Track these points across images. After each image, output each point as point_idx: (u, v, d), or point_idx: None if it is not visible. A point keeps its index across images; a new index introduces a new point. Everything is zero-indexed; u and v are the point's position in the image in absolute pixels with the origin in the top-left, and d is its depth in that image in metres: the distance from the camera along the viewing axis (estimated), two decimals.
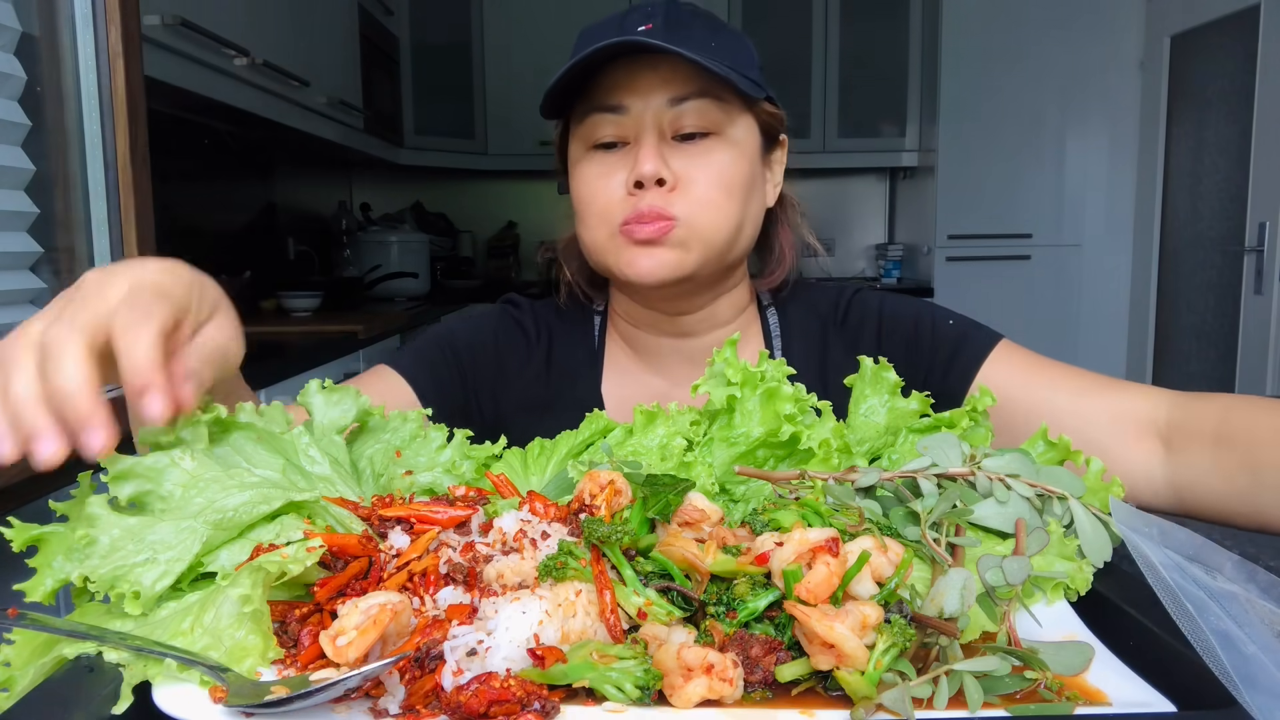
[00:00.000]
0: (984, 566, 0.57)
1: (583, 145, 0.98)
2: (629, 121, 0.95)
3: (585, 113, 0.96)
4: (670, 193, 0.94)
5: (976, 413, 0.78)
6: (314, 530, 0.62)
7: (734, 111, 0.96)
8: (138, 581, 0.55)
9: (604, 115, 0.95)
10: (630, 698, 0.49)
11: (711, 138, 0.96)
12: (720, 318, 1.06)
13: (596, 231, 0.97)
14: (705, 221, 0.95)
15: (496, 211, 4.97)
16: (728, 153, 0.96)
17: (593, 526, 0.58)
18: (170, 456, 0.61)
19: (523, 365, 1.09)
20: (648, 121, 0.94)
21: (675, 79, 0.93)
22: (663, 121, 0.94)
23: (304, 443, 0.69)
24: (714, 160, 0.95)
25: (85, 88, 1.24)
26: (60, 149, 1.23)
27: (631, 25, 0.94)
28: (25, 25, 1.16)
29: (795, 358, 1.07)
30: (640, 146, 0.94)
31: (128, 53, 1.25)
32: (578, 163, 0.99)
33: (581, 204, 0.98)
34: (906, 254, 4.83)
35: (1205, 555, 0.57)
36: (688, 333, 1.05)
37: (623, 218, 0.94)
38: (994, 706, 0.49)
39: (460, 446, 0.78)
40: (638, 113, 0.94)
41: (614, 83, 0.94)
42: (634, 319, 1.07)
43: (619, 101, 0.94)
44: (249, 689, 0.48)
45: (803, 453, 0.74)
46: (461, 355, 1.07)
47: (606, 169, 0.96)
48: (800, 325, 1.10)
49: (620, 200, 0.95)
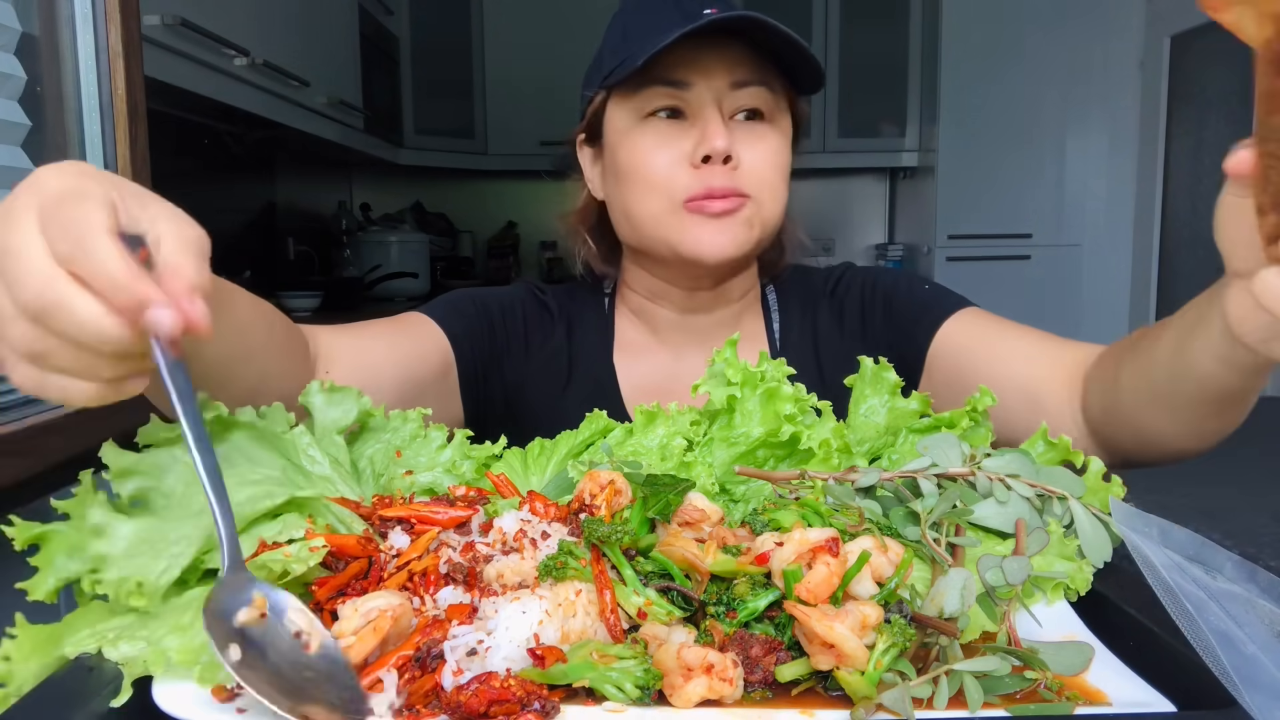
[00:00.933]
0: (984, 566, 0.57)
1: (634, 114, 0.98)
2: (691, 97, 0.96)
3: (641, 84, 0.96)
4: (734, 170, 0.95)
5: (977, 413, 0.78)
6: (315, 530, 0.62)
7: (782, 102, 1.00)
8: (143, 575, 0.55)
9: (665, 88, 0.96)
10: (630, 698, 0.49)
11: (765, 123, 0.99)
12: (731, 295, 1.09)
13: (652, 202, 0.97)
14: (767, 200, 0.98)
15: (496, 211, 4.97)
16: (780, 139, 0.99)
17: (593, 526, 0.58)
18: (171, 454, 0.61)
19: (546, 339, 1.11)
20: (709, 100, 0.96)
21: (739, 63, 0.96)
22: (722, 102, 0.96)
23: (304, 442, 0.69)
24: (771, 144, 0.98)
25: (85, 88, 1.24)
26: (60, 149, 1.23)
27: (692, 4, 0.94)
28: (25, 25, 1.16)
29: (790, 331, 1.12)
30: (707, 122, 0.95)
31: (128, 53, 1.25)
32: (629, 131, 0.98)
33: (636, 172, 0.98)
34: (906, 254, 4.82)
35: (1205, 555, 0.57)
36: (700, 309, 1.08)
37: (689, 192, 0.95)
38: (994, 706, 0.49)
39: (460, 446, 0.78)
40: (700, 90, 0.95)
41: (679, 59, 0.94)
42: (650, 293, 1.09)
43: (685, 78, 0.95)
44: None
45: (803, 453, 0.74)
46: (493, 314, 1.08)
47: (665, 139, 0.97)
48: (796, 300, 1.14)
49: (685, 173, 0.96)
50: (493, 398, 1.07)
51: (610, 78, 0.98)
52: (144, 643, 0.52)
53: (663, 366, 1.09)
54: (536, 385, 1.09)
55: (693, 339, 1.09)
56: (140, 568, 0.55)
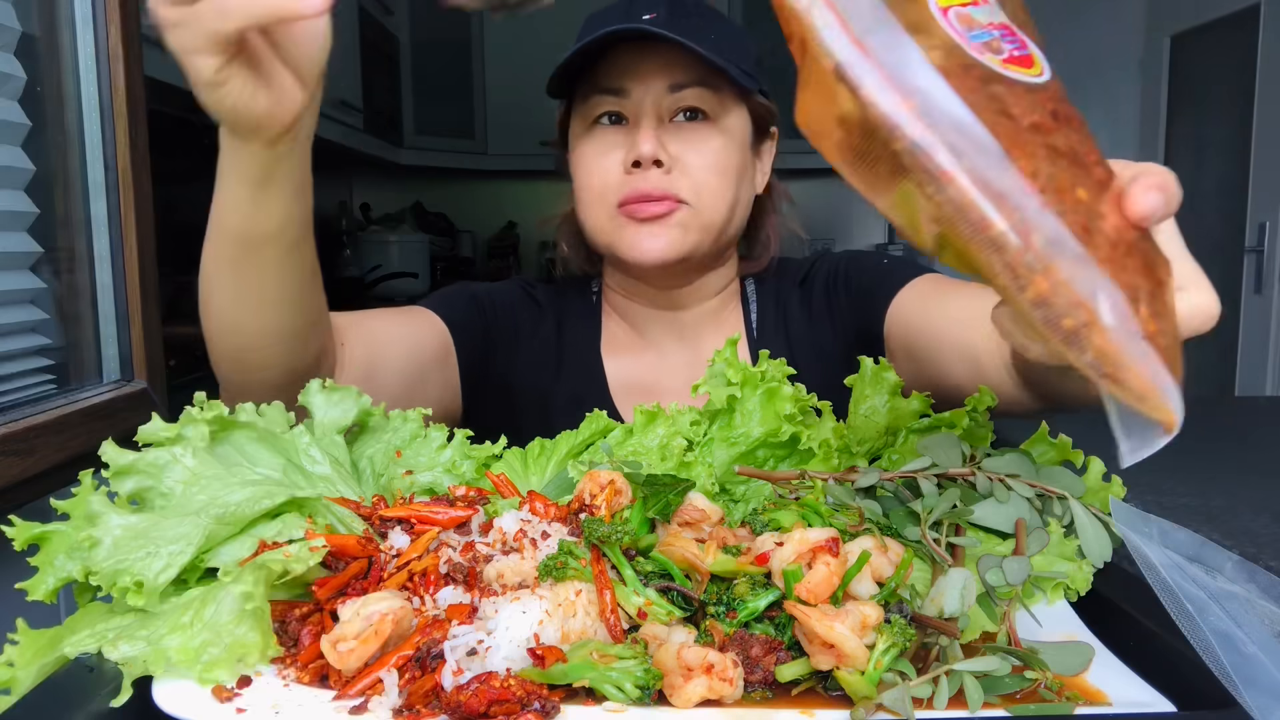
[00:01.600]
0: (984, 566, 0.57)
1: (583, 123, 1.02)
2: (629, 104, 0.99)
3: (588, 93, 1.00)
4: (666, 175, 0.97)
5: (977, 413, 0.78)
6: (315, 530, 0.62)
7: (728, 101, 1.01)
8: (141, 574, 0.55)
9: (605, 97, 0.99)
10: (630, 698, 0.49)
11: (706, 124, 1.00)
12: (708, 291, 1.10)
13: (595, 210, 1.00)
14: (704, 204, 0.98)
15: (496, 211, 4.97)
16: (720, 138, 1.00)
17: (593, 526, 0.58)
18: (171, 453, 0.61)
19: (535, 332, 1.12)
20: (647, 105, 0.98)
21: (675, 66, 0.97)
22: (661, 106, 0.98)
23: (304, 442, 0.69)
24: (709, 145, 0.99)
25: (85, 88, 1.23)
26: (60, 149, 1.23)
27: (637, 13, 0.96)
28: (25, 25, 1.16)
29: (765, 323, 1.13)
30: (639, 128, 0.97)
31: (128, 53, 1.25)
32: (578, 140, 1.02)
33: (580, 180, 1.02)
34: (907, 254, 4.82)
35: (1205, 555, 0.57)
36: (678, 305, 1.10)
37: (620, 196, 0.97)
38: (994, 706, 0.49)
39: (460, 446, 0.78)
40: (638, 96, 0.98)
41: (617, 66, 0.98)
42: (627, 291, 1.11)
43: (621, 85, 0.98)
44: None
45: (803, 453, 0.74)
46: (484, 307, 1.10)
47: (605, 147, 0.99)
48: (771, 292, 1.15)
49: (618, 179, 0.98)
50: (488, 388, 1.08)
51: (550, 83, 1.02)
52: (144, 643, 0.51)
53: (648, 362, 1.11)
54: (527, 378, 1.10)
55: (674, 334, 1.11)
56: (133, 561, 0.55)
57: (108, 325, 1.27)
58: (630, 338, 1.13)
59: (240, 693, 0.50)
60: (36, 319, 1.17)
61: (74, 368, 1.25)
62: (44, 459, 1.03)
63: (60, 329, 1.23)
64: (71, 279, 1.25)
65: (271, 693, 0.50)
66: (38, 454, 1.02)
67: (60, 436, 1.06)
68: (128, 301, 1.26)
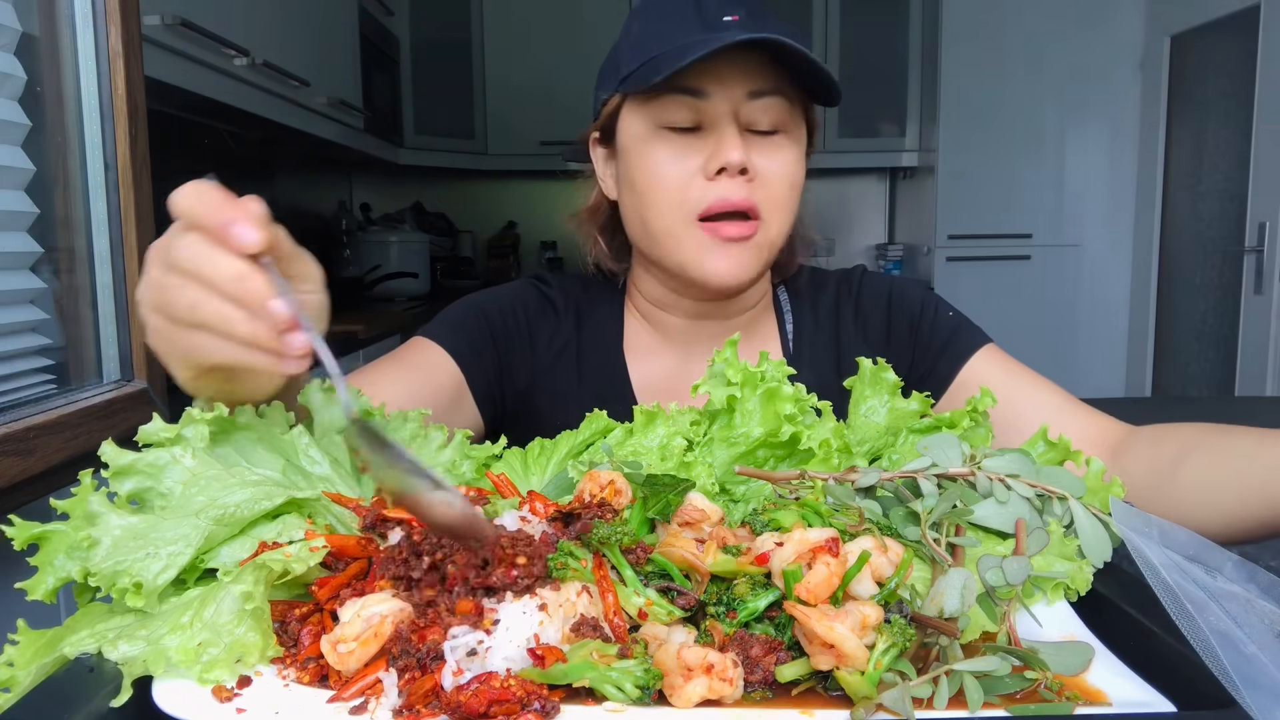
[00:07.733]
0: (984, 566, 0.57)
1: (650, 123, 0.96)
2: (706, 107, 0.94)
3: (659, 90, 0.93)
4: (749, 183, 0.94)
5: (977, 413, 0.79)
6: (315, 530, 0.62)
7: (797, 112, 0.98)
8: (140, 574, 0.55)
9: (682, 97, 0.93)
10: (630, 698, 0.49)
11: (781, 135, 0.97)
12: (750, 302, 1.08)
13: (666, 217, 0.96)
14: (777, 223, 0.97)
15: (496, 211, 4.97)
16: (794, 150, 0.97)
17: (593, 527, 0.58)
18: (171, 454, 0.61)
19: (553, 335, 1.09)
20: (726, 111, 0.93)
21: (757, 73, 0.93)
22: (739, 113, 0.94)
23: (304, 443, 0.69)
24: (784, 156, 0.96)
25: (85, 88, 1.23)
26: (60, 149, 1.23)
27: (713, 11, 0.93)
28: (25, 25, 1.16)
29: (806, 333, 1.11)
30: (722, 134, 0.93)
31: (128, 53, 1.25)
32: (645, 140, 0.96)
33: (649, 185, 0.96)
34: (907, 254, 4.82)
35: (1205, 555, 0.57)
36: (711, 315, 1.07)
37: (703, 206, 0.94)
38: (994, 706, 0.49)
39: (460, 446, 0.78)
40: (717, 100, 0.93)
41: (696, 66, 0.90)
42: (656, 300, 1.07)
43: (701, 85, 0.93)
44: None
45: (803, 453, 0.74)
46: (494, 322, 1.07)
47: (680, 152, 0.95)
48: (810, 302, 1.13)
49: (700, 186, 0.94)
50: (508, 403, 1.07)
51: (627, 83, 0.96)
52: (144, 643, 0.52)
53: (673, 366, 1.09)
54: (548, 383, 1.08)
55: (704, 340, 1.08)
56: (132, 562, 0.55)
57: (108, 325, 1.27)
58: (654, 339, 1.10)
59: (240, 693, 0.50)
60: (36, 319, 1.17)
61: (74, 368, 1.25)
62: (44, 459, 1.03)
63: (60, 329, 1.23)
64: (71, 279, 1.25)
65: (271, 693, 0.50)
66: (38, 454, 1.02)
67: (60, 436, 1.06)
68: (128, 301, 1.26)
